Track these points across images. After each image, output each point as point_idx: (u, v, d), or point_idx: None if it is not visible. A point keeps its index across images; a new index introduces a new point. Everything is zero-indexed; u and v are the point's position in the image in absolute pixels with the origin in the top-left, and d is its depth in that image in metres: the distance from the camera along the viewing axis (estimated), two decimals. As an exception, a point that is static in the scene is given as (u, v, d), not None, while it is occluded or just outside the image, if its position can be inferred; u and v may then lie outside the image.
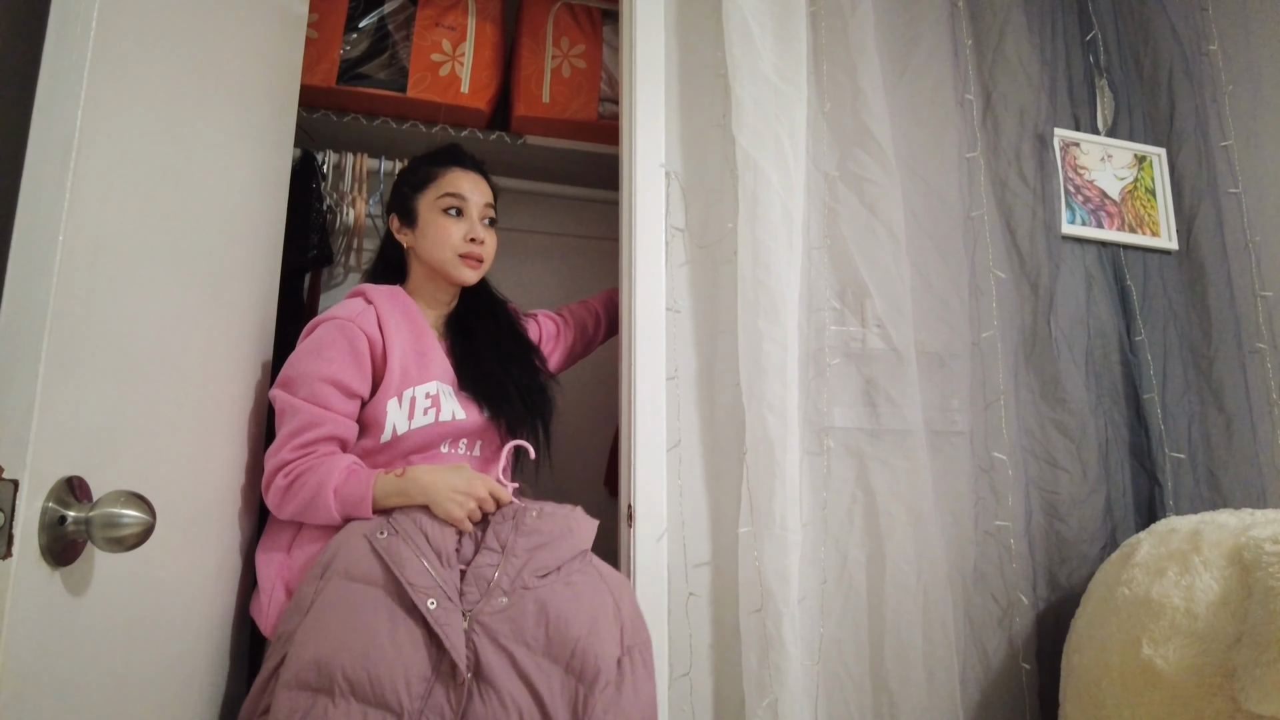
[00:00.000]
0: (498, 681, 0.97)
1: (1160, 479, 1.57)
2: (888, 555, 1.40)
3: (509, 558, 1.08)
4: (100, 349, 0.77)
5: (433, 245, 1.39)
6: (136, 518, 0.71)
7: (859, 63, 1.55)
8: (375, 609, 1.00)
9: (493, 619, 1.02)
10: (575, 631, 1.02)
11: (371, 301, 1.31)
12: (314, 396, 1.18)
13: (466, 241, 1.40)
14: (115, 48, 0.76)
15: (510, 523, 1.12)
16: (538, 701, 0.98)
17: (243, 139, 1.20)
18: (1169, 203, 1.74)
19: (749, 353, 1.37)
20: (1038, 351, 1.57)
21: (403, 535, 1.07)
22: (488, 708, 0.96)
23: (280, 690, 0.95)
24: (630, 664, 1.05)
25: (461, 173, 1.44)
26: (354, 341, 1.23)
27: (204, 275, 1.04)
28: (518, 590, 1.05)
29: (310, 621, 1.00)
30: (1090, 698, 1.27)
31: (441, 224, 1.40)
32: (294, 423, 1.17)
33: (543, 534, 1.11)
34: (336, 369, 1.20)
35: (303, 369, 1.19)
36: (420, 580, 1.02)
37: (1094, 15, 1.80)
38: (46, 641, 0.68)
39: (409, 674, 0.96)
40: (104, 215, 0.76)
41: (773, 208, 1.41)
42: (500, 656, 0.99)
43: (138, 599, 0.87)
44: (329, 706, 0.93)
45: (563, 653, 1.01)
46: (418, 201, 1.43)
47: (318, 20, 1.85)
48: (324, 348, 1.21)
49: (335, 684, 0.94)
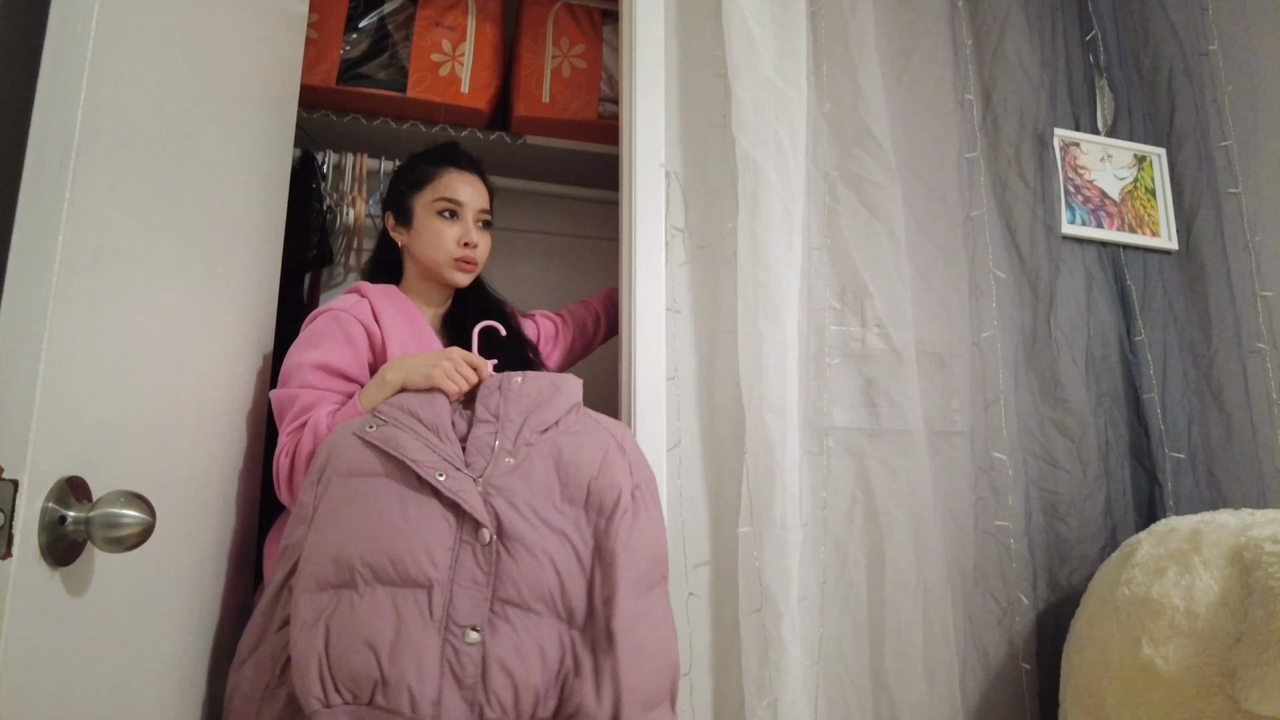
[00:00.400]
0: (523, 536, 0.97)
1: (1160, 479, 1.57)
2: (887, 555, 1.40)
3: (505, 424, 1.07)
4: (100, 349, 0.77)
5: (427, 247, 1.40)
6: (136, 518, 0.71)
7: (859, 63, 1.55)
8: (380, 495, 0.99)
9: (505, 479, 1.02)
10: (587, 472, 1.04)
11: (365, 295, 1.31)
12: (305, 382, 1.18)
13: (460, 245, 1.40)
14: (115, 48, 0.76)
15: (497, 393, 1.10)
16: (568, 543, 0.99)
17: (243, 139, 1.20)
18: (1169, 203, 1.74)
19: (749, 353, 1.37)
20: (1038, 351, 1.57)
21: (393, 422, 1.06)
22: (518, 563, 0.96)
23: (299, 595, 0.94)
24: (642, 495, 1.07)
25: (458, 174, 1.44)
26: (347, 328, 1.23)
27: (204, 275, 1.04)
28: (521, 448, 1.05)
29: (317, 525, 0.99)
30: (1090, 697, 1.27)
31: (436, 227, 1.40)
32: (290, 409, 1.16)
33: (532, 395, 1.11)
34: (326, 355, 1.20)
35: (294, 361, 1.20)
36: (423, 456, 1.01)
37: (1094, 15, 1.80)
38: (46, 641, 0.68)
39: (430, 546, 0.96)
40: (104, 215, 0.76)
41: (773, 208, 1.41)
42: (519, 512, 0.99)
43: (138, 599, 0.87)
44: (354, 598, 0.93)
45: (579, 493, 1.03)
46: (413, 201, 1.43)
47: (318, 20, 1.85)
48: (316, 338, 1.22)
49: (356, 574, 0.94)
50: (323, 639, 0.91)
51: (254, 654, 0.96)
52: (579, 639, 0.96)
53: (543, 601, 0.96)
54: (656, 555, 1.04)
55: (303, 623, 0.93)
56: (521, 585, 0.96)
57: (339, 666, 0.90)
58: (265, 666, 0.95)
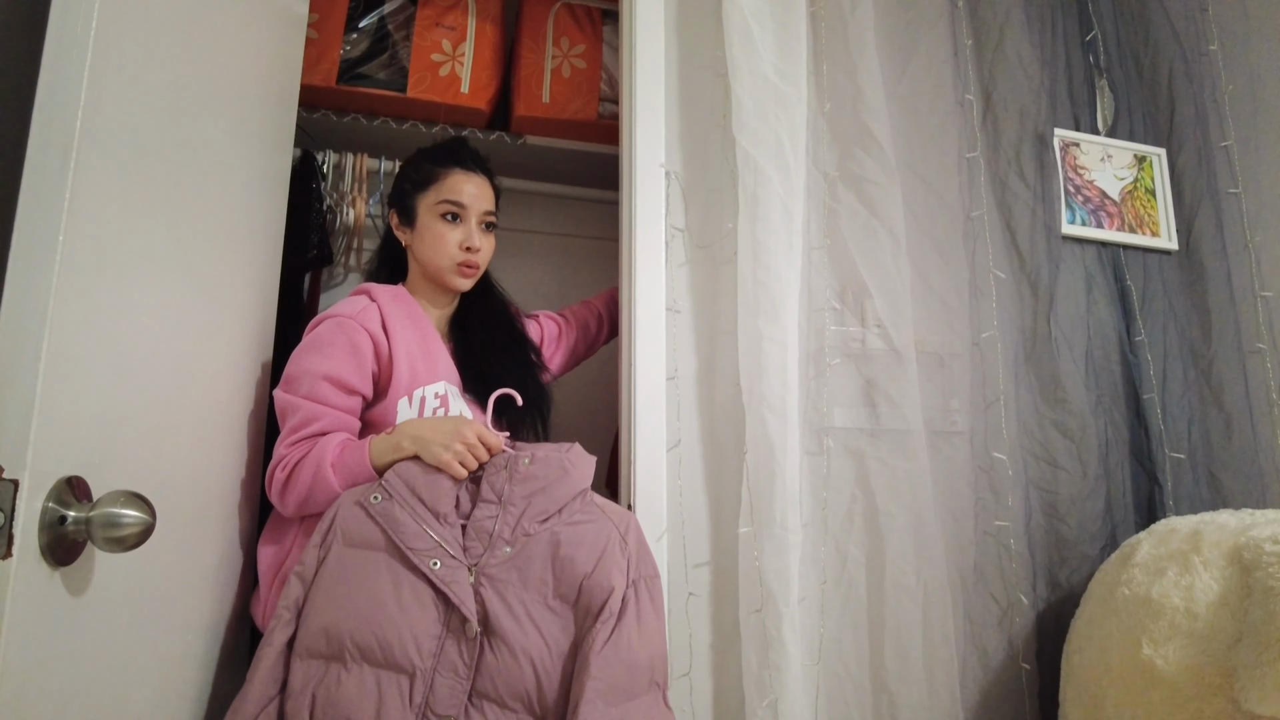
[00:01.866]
0: (507, 633, 0.98)
1: (1160, 479, 1.57)
2: (887, 555, 1.40)
3: (507, 507, 1.07)
4: (100, 349, 0.77)
5: (429, 250, 1.38)
6: (136, 518, 0.71)
7: (859, 63, 1.55)
8: (378, 573, 1.01)
9: (499, 569, 1.02)
10: (581, 569, 1.03)
11: (375, 299, 1.29)
12: (311, 393, 1.17)
13: (462, 250, 1.38)
14: (115, 48, 0.76)
15: (504, 472, 1.10)
16: (548, 645, 0.99)
17: (243, 139, 1.20)
18: (1169, 203, 1.74)
19: (749, 353, 1.37)
20: (1038, 351, 1.57)
21: (397, 499, 1.06)
22: (499, 659, 0.97)
23: (294, 661, 0.98)
24: (635, 595, 1.05)
25: (464, 175, 1.41)
26: (354, 338, 1.21)
27: (204, 275, 1.04)
28: (520, 538, 1.05)
29: (315, 591, 1.02)
30: (1090, 698, 1.27)
31: (438, 230, 1.37)
32: (293, 419, 1.16)
33: (538, 479, 1.09)
34: (334, 365, 1.18)
35: (302, 367, 1.19)
36: (419, 543, 1.02)
37: (1094, 15, 1.80)
38: (46, 641, 0.68)
39: (417, 634, 0.97)
40: (104, 215, 0.76)
41: (773, 208, 1.41)
42: (508, 606, 1.00)
43: (138, 599, 0.87)
44: (341, 672, 0.96)
45: (571, 592, 1.02)
46: (417, 201, 1.40)
47: (318, 20, 1.85)
48: (323, 345, 1.20)
49: (345, 650, 0.96)
50: (308, 709, 0.95)
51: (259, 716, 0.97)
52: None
53: (519, 700, 0.97)
54: (640, 663, 1.01)
55: (293, 690, 0.97)
56: (499, 682, 0.97)
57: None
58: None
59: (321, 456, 1.12)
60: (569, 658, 0.99)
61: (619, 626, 1.00)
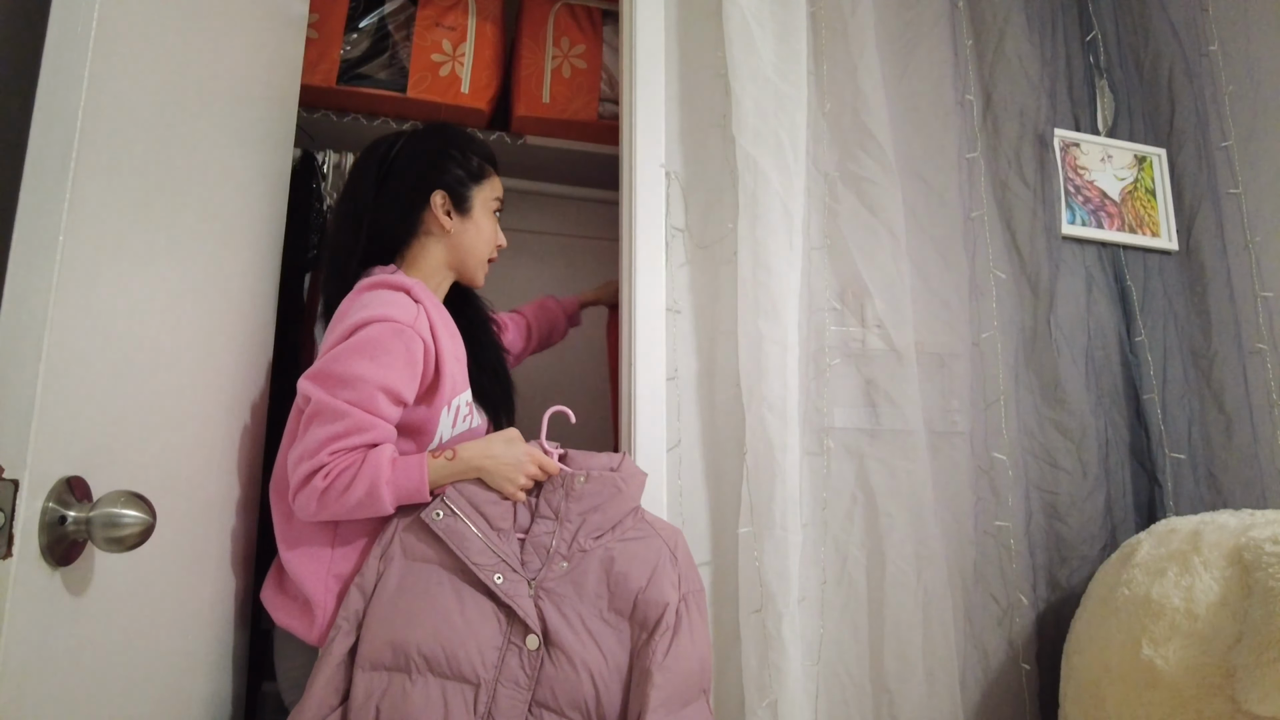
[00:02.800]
0: (566, 644, 1.02)
1: (1160, 479, 1.57)
2: (887, 555, 1.40)
3: (563, 524, 1.11)
4: (100, 349, 0.77)
5: (476, 243, 1.34)
6: (137, 518, 0.71)
7: (859, 63, 1.55)
8: (441, 586, 1.05)
9: (556, 584, 1.07)
10: (635, 584, 1.07)
11: (419, 301, 1.20)
12: (363, 402, 1.08)
13: (495, 248, 1.40)
14: (115, 48, 0.76)
15: (560, 491, 1.13)
16: (605, 657, 1.03)
17: (243, 139, 1.20)
18: (1169, 203, 1.74)
19: (749, 353, 1.37)
20: (1038, 352, 1.57)
21: (460, 515, 1.09)
22: (559, 670, 1.01)
23: (357, 673, 1.01)
24: (686, 609, 1.08)
25: (498, 177, 1.42)
26: (410, 347, 1.13)
27: (204, 275, 1.04)
28: (576, 554, 1.09)
29: (378, 604, 1.05)
30: (1090, 698, 1.27)
31: (488, 226, 1.37)
32: (336, 426, 1.07)
33: (592, 498, 1.13)
34: (393, 377, 1.10)
35: (353, 370, 1.08)
36: (483, 558, 1.06)
37: (1094, 16, 1.80)
38: (46, 641, 0.68)
39: (482, 645, 1.01)
40: (104, 216, 0.76)
41: (773, 208, 1.41)
42: (566, 619, 1.04)
43: (138, 599, 0.87)
44: (406, 684, 0.99)
45: (625, 605, 1.06)
46: (474, 192, 1.34)
47: (318, 20, 1.85)
48: (379, 352, 1.10)
49: (411, 662, 1.00)
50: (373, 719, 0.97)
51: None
52: None
53: (577, 709, 1.01)
54: (694, 670, 1.06)
55: (356, 703, 0.99)
56: (559, 692, 1.01)
57: None
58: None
59: (376, 473, 1.07)
60: (624, 669, 1.03)
61: (675, 640, 1.04)
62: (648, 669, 1.01)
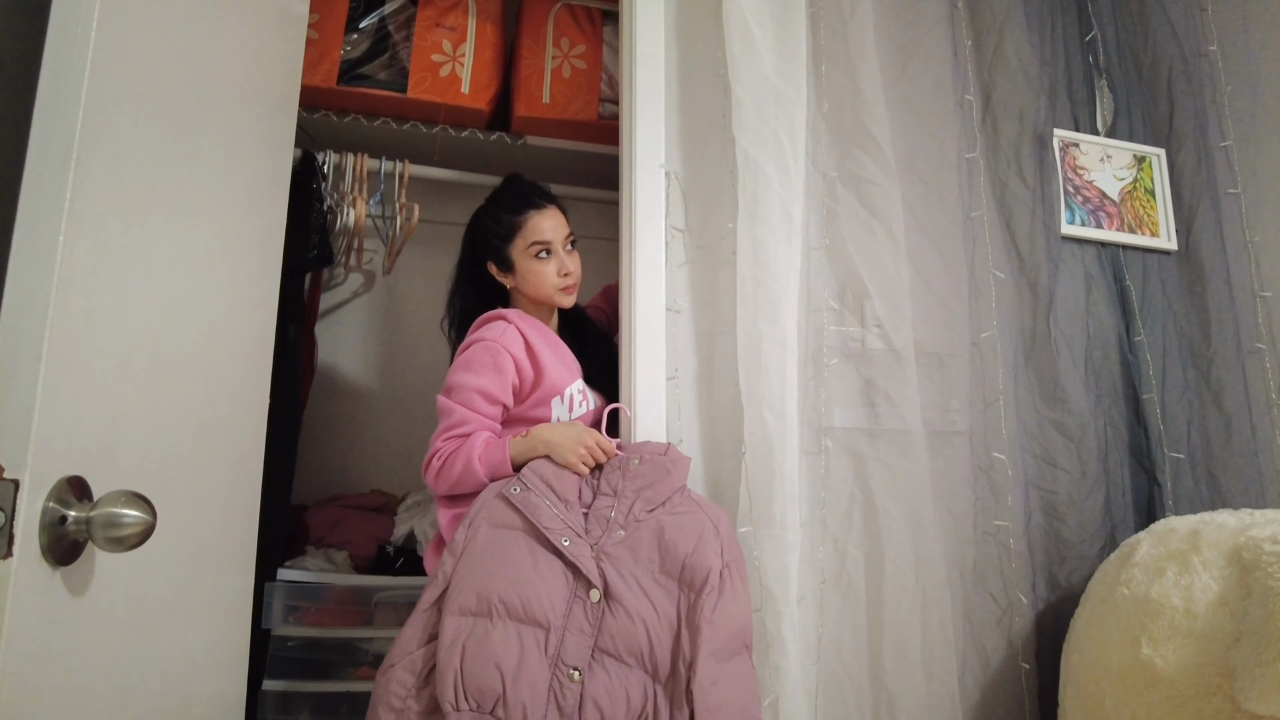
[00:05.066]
0: (624, 599, 1.16)
1: (1159, 479, 1.57)
2: (886, 555, 1.40)
3: (621, 499, 1.28)
4: (101, 349, 0.77)
5: (534, 287, 1.55)
6: (137, 517, 0.71)
7: (859, 63, 1.55)
8: (519, 547, 1.21)
9: (615, 548, 1.22)
10: (683, 550, 1.21)
11: (512, 322, 1.47)
12: (464, 402, 1.39)
13: (561, 277, 1.54)
14: (116, 48, 0.77)
15: (619, 471, 1.31)
16: (657, 611, 1.16)
17: (243, 139, 1.20)
18: (1168, 203, 1.75)
19: (748, 353, 1.37)
20: (1037, 351, 1.57)
21: (534, 490, 1.27)
22: (618, 620, 1.15)
23: (446, 618, 1.14)
24: (730, 575, 1.21)
25: (538, 215, 1.54)
26: (498, 358, 1.41)
27: (204, 275, 1.05)
28: (631, 523, 1.25)
29: (466, 561, 1.21)
30: (1089, 697, 1.27)
31: (536, 270, 1.53)
32: (447, 421, 1.39)
33: (645, 477, 1.29)
34: (484, 382, 1.40)
35: (456, 380, 1.41)
36: (553, 524, 1.22)
37: (1093, 16, 1.80)
38: (47, 641, 0.68)
39: (553, 596, 1.16)
40: (104, 216, 0.76)
41: (772, 208, 1.41)
42: (623, 578, 1.19)
43: (138, 599, 0.87)
44: (488, 626, 1.13)
45: (674, 568, 1.20)
46: (510, 251, 1.55)
47: (318, 20, 1.85)
48: (473, 364, 1.41)
49: (493, 607, 1.14)
50: (459, 656, 1.10)
51: (404, 659, 1.15)
52: (660, 692, 1.13)
53: (633, 655, 1.14)
54: (738, 629, 1.18)
55: (446, 641, 1.12)
56: (618, 639, 1.14)
57: (470, 680, 1.08)
58: (416, 670, 1.14)
59: (471, 451, 1.35)
60: (674, 623, 1.17)
61: (720, 599, 1.17)
62: (697, 624, 1.13)
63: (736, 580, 1.22)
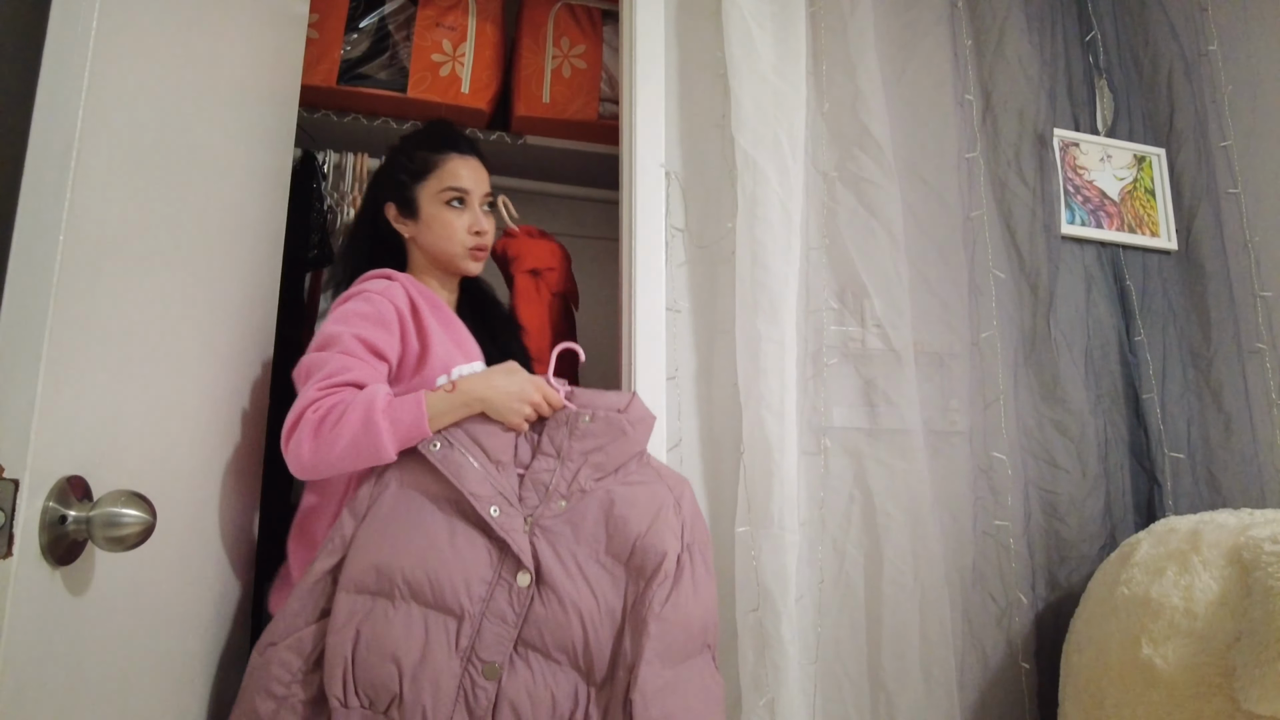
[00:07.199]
0: (558, 584, 1.00)
1: (1160, 479, 1.57)
2: (885, 555, 1.40)
3: (565, 462, 1.08)
4: (101, 349, 0.77)
5: (439, 239, 1.35)
6: (137, 517, 0.71)
7: (858, 63, 1.55)
8: (433, 516, 1.03)
9: (553, 522, 1.04)
10: (634, 530, 1.04)
11: (395, 279, 1.26)
12: (343, 349, 1.12)
13: (472, 234, 1.35)
14: (116, 48, 0.77)
15: (565, 428, 1.10)
16: (597, 600, 1.00)
17: (243, 139, 1.20)
18: (1168, 203, 1.74)
19: (747, 352, 1.37)
20: (1037, 351, 1.57)
21: (458, 446, 1.06)
22: (548, 610, 0.99)
23: (340, 594, 0.98)
24: (690, 559, 1.05)
25: (460, 160, 1.38)
26: (380, 309, 1.18)
27: (204, 275, 1.05)
28: (575, 493, 1.06)
29: (369, 526, 1.02)
30: (1089, 697, 1.27)
31: (446, 218, 1.34)
32: (322, 371, 1.08)
33: (596, 438, 1.10)
34: (364, 330, 1.15)
35: (329, 333, 1.14)
36: (480, 489, 1.03)
37: (1094, 15, 1.80)
38: (47, 641, 0.68)
39: (469, 577, 0.99)
40: (105, 215, 0.76)
41: (772, 208, 1.41)
42: (560, 559, 1.02)
43: (138, 598, 0.87)
44: (389, 609, 0.96)
45: (623, 550, 1.03)
46: (418, 191, 1.36)
47: (318, 20, 1.85)
48: (349, 315, 1.16)
49: (395, 587, 0.97)
50: (351, 643, 0.95)
51: (288, 638, 0.98)
52: (594, 695, 0.98)
53: (564, 652, 0.99)
54: (694, 625, 1.03)
55: (337, 623, 0.96)
56: (546, 632, 0.98)
57: (363, 673, 0.94)
58: (304, 651, 0.98)
59: (371, 402, 1.04)
60: (616, 616, 1.01)
61: (675, 590, 1.01)
62: (644, 618, 0.98)
63: (698, 567, 1.06)
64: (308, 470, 1.05)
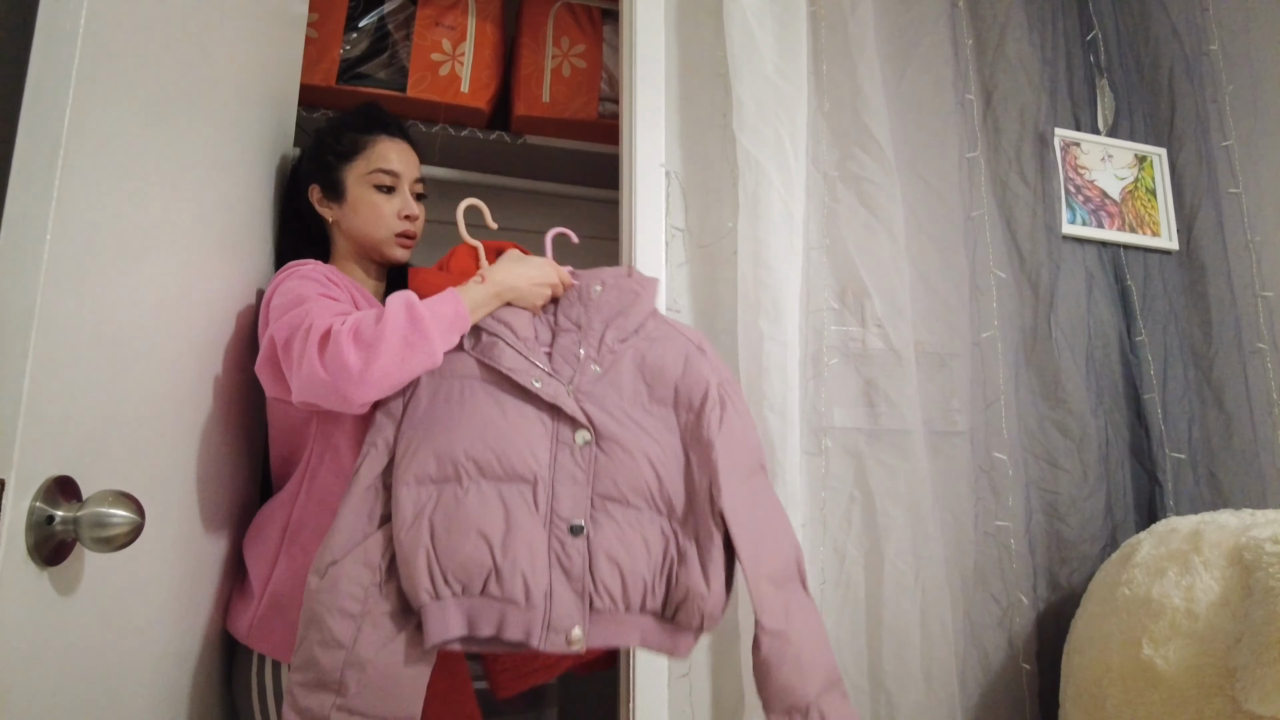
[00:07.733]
0: (617, 435, 1.01)
1: (1160, 479, 1.56)
2: (886, 555, 1.39)
3: (588, 332, 1.11)
4: (90, 347, 0.76)
5: (365, 224, 1.29)
6: (125, 517, 0.70)
7: (859, 62, 1.54)
8: (477, 397, 1.02)
9: (593, 386, 1.06)
10: (671, 375, 1.08)
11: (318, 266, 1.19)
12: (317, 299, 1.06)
13: (400, 219, 1.30)
14: (104, 47, 0.76)
15: (578, 302, 1.14)
16: (660, 444, 1.03)
17: (240, 138, 1.20)
18: (1169, 203, 1.74)
19: (749, 352, 1.36)
20: (1038, 351, 1.56)
21: (484, 329, 1.08)
22: (615, 461, 1.00)
23: (400, 489, 0.95)
24: (727, 392, 1.08)
25: (389, 142, 1.32)
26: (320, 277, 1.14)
27: (198, 272, 1.04)
28: (606, 356, 1.09)
29: (411, 422, 1.01)
30: (1090, 698, 1.26)
31: (374, 202, 1.29)
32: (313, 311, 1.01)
33: (612, 305, 1.13)
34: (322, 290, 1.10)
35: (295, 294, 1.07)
36: (518, 364, 1.04)
37: (1094, 15, 1.80)
38: (35, 642, 0.68)
39: (533, 444, 0.99)
40: (93, 215, 0.75)
41: (773, 207, 1.40)
42: (612, 415, 1.03)
43: (127, 599, 0.86)
44: (458, 491, 0.94)
45: (667, 394, 1.07)
46: (344, 173, 1.30)
47: (318, 20, 1.84)
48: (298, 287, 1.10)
49: (461, 468, 0.96)
50: (428, 534, 0.91)
51: (355, 551, 0.93)
52: (680, 531, 0.99)
53: (641, 496, 0.99)
54: (750, 444, 1.07)
55: (405, 519, 0.92)
56: (620, 481, 0.99)
57: (448, 558, 0.90)
58: (374, 561, 0.92)
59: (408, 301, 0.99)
60: (680, 453, 1.03)
61: (725, 413, 1.05)
62: (708, 440, 1.01)
63: (735, 396, 1.09)
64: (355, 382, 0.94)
